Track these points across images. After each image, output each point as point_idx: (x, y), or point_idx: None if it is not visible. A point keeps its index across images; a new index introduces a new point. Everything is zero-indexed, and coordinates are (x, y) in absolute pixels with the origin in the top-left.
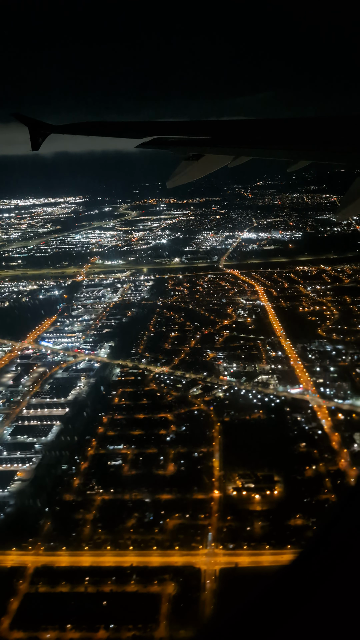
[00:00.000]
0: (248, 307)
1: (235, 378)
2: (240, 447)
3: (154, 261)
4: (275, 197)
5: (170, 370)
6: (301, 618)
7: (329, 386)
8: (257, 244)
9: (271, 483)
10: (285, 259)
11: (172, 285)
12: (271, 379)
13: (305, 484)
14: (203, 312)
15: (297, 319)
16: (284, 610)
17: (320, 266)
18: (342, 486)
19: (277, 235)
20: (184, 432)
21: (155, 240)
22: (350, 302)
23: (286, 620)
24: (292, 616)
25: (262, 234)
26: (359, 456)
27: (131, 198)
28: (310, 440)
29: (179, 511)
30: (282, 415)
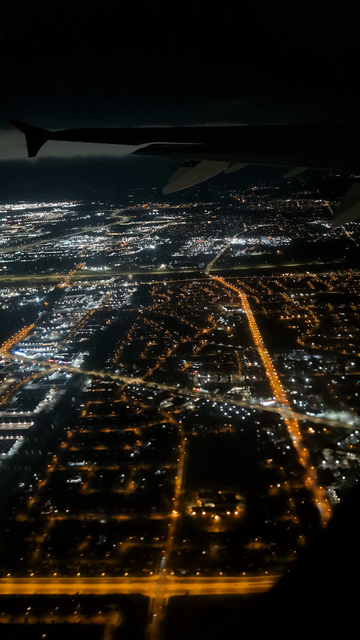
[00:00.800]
0: (229, 315)
1: (208, 390)
2: (205, 463)
3: (140, 267)
4: (268, 202)
5: (143, 381)
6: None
7: (303, 398)
8: (245, 250)
9: (232, 503)
10: (271, 265)
11: (155, 292)
12: (245, 390)
13: (267, 503)
14: (183, 320)
15: (277, 327)
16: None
17: (306, 273)
18: (305, 507)
19: (266, 241)
20: (149, 447)
21: (143, 246)
22: (333, 310)
23: (288, 623)
24: (294, 619)
25: (251, 240)
26: (326, 474)
27: (125, 203)
28: (277, 456)
29: (134, 533)
30: (251, 429)
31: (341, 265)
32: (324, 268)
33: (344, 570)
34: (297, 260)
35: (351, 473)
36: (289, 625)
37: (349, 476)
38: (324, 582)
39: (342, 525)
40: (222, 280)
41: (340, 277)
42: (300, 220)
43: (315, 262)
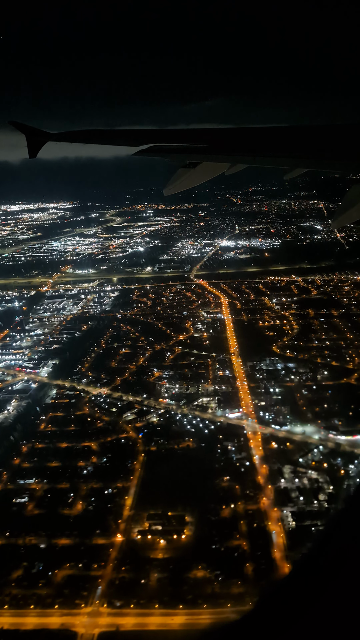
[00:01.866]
0: (208, 320)
1: (174, 401)
2: (159, 481)
3: (125, 270)
4: (263, 204)
5: (110, 391)
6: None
7: (270, 410)
8: (234, 252)
9: (181, 525)
10: (258, 268)
11: (137, 296)
12: (212, 401)
13: (218, 526)
14: (161, 325)
15: (255, 334)
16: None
17: (292, 276)
18: (257, 531)
19: (256, 243)
20: (104, 464)
21: (132, 248)
22: (313, 315)
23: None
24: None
25: (241, 242)
26: (284, 494)
27: (121, 204)
28: (235, 473)
29: (73, 559)
30: (213, 443)
31: (328, 269)
32: (311, 271)
33: (345, 571)
34: (284, 263)
35: (309, 493)
36: (290, 626)
37: (306, 496)
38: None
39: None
40: (205, 284)
41: (325, 281)
42: (294, 221)
43: (302, 265)
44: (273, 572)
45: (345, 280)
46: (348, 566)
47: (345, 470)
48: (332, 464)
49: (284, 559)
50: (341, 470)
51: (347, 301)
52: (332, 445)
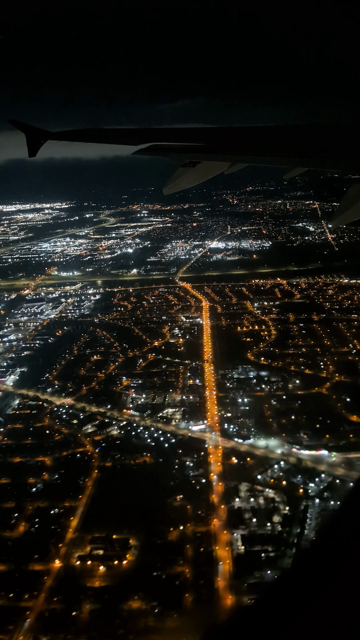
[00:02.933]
0: (186, 325)
1: (139, 412)
2: (109, 500)
3: (111, 272)
4: (259, 204)
5: (74, 401)
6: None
7: (235, 422)
8: (223, 254)
9: (124, 549)
10: (244, 271)
11: (118, 299)
12: (177, 413)
13: (162, 550)
14: (137, 331)
15: (232, 340)
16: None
17: (277, 279)
18: (203, 556)
19: (246, 244)
20: (55, 481)
21: (121, 250)
22: (293, 320)
23: (288, 623)
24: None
25: (231, 243)
26: (236, 515)
27: (118, 204)
28: (190, 491)
29: (5, 588)
30: (171, 459)
31: (314, 271)
32: (297, 274)
33: (344, 570)
34: (271, 265)
35: (263, 514)
36: (290, 625)
37: (259, 518)
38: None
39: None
40: (189, 287)
41: (309, 284)
42: (287, 222)
43: (289, 268)
44: (213, 603)
45: (330, 283)
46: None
47: (304, 489)
48: (291, 482)
49: (227, 589)
50: (299, 489)
51: (329, 305)
52: (294, 460)
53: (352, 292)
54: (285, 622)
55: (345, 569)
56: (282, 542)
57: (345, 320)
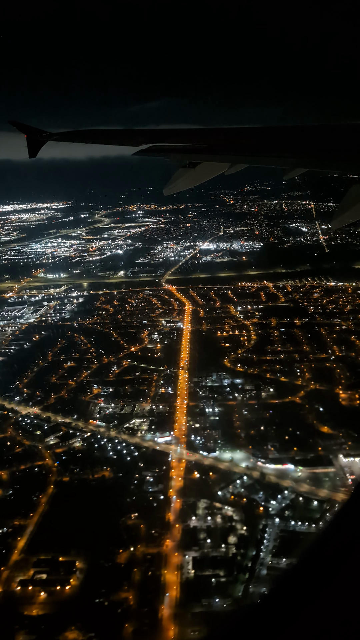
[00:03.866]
0: (165, 330)
1: (105, 422)
2: (61, 519)
3: (98, 274)
4: (255, 204)
5: (40, 411)
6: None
7: (202, 434)
8: (213, 255)
9: (69, 573)
10: (232, 273)
11: (101, 303)
12: (144, 423)
13: (109, 574)
14: (116, 335)
15: (210, 345)
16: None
17: (264, 282)
18: (150, 580)
19: (237, 245)
20: (9, 497)
21: (112, 251)
22: (275, 325)
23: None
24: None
25: (222, 245)
26: (191, 535)
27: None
28: (146, 509)
29: None
30: (131, 473)
31: (302, 274)
32: (284, 277)
33: (344, 570)
34: (259, 267)
35: (218, 535)
36: (289, 626)
37: (214, 539)
38: (324, 583)
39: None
40: (174, 290)
41: (295, 287)
42: (281, 223)
43: (277, 270)
44: (154, 634)
45: (316, 286)
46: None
47: (264, 507)
48: (251, 499)
49: (171, 618)
50: (260, 508)
51: (312, 309)
52: (258, 475)
53: (337, 295)
54: (285, 622)
55: (346, 570)
56: (234, 566)
57: (327, 325)
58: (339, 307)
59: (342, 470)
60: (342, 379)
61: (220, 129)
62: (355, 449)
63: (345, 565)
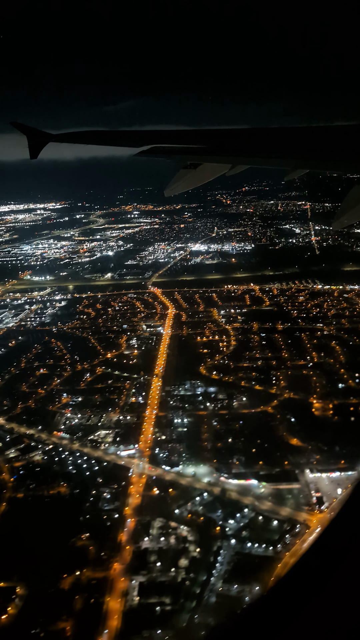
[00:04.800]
0: (144, 335)
1: (69, 434)
2: (8, 540)
3: (84, 277)
4: (251, 204)
5: (5, 421)
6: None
7: (167, 446)
8: (203, 257)
9: (7, 601)
10: (219, 275)
11: (83, 306)
12: (109, 435)
13: (50, 601)
14: (94, 341)
15: (188, 351)
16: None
17: (250, 285)
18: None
19: (229, 247)
20: None
21: (102, 252)
22: (256, 329)
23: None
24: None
25: (214, 246)
26: (141, 558)
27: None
28: (98, 529)
29: None
30: (87, 489)
31: (290, 276)
32: (272, 279)
33: (343, 570)
34: (248, 270)
35: (169, 558)
36: (289, 625)
37: (164, 562)
38: (323, 582)
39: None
40: (159, 293)
41: (282, 290)
42: (275, 223)
43: (265, 272)
44: None
45: (303, 289)
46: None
47: (221, 526)
48: (209, 518)
49: None
50: (216, 527)
51: (296, 314)
52: (219, 492)
53: (322, 299)
54: (284, 622)
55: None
56: (181, 593)
57: (309, 330)
58: (323, 312)
59: (307, 487)
60: (317, 388)
61: (221, 129)
62: (323, 463)
63: (344, 566)
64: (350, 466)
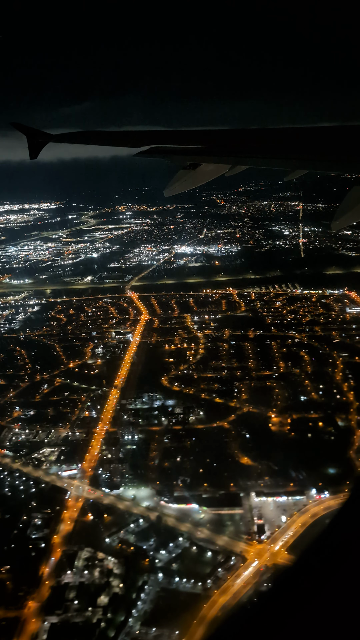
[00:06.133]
0: (112, 343)
1: (13, 452)
2: None
3: (63, 280)
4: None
5: None
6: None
7: (111, 467)
8: (187, 259)
9: None
10: (200, 279)
11: (56, 312)
12: (54, 453)
13: None
14: (59, 349)
15: (154, 360)
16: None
17: (228, 289)
18: None
19: (214, 249)
20: None
21: (87, 254)
22: (227, 337)
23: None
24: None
25: (200, 248)
26: (59, 594)
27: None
28: (22, 560)
29: None
30: (18, 514)
31: (270, 280)
32: (251, 283)
33: (343, 570)
34: (229, 273)
35: (88, 595)
36: (289, 625)
37: (82, 600)
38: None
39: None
40: (136, 298)
41: (259, 295)
42: (265, 224)
43: (246, 276)
44: None
45: (282, 294)
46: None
47: (151, 557)
48: (139, 548)
49: None
50: (146, 560)
51: (270, 320)
52: (154, 518)
53: (299, 304)
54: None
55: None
56: (93, 637)
57: (280, 338)
58: (298, 318)
59: (250, 513)
60: (278, 401)
61: (221, 130)
62: (271, 486)
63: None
64: (299, 490)
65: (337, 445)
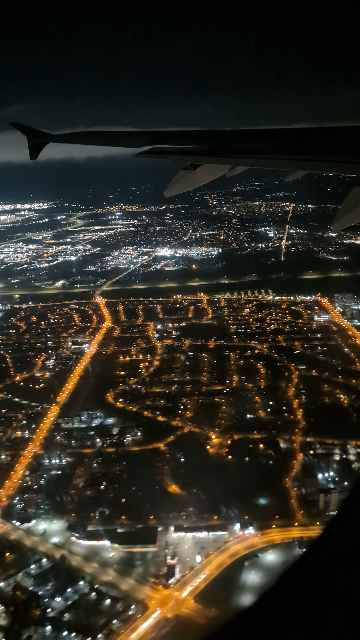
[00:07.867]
0: (66, 353)
1: None
2: None
3: (34, 285)
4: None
5: None
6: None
7: (27, 496)
8: (165, 263)
9: None
10: (173, 283)
11: (17, 319)
12: None
13: None
14: (9, 361)
15: (104, 373)
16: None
17: (199, 295)
18: None
19: (195, 252)
20: None
21: (65, 257)
22: (186, 347)
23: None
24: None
25: (181, 251)
26: None
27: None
28: None
29: None
30: None
31: (244, 285)
32: (224, 288)
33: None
34: (203, 277)
35: None
36: (289, 625)
37: None
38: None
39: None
40: (102, 304)
41: (229, 302)
42: (251, 226)
43: (220, 281)
44: None
45: (252, 300)
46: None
47: (44, 606)
48: (33, 595)
49: None
50: (37, 610)
51: (234, 329)
52: (59, 557)
53: (268, 312)
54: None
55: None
56: None
57: (240, 349)
58: (262, 327)
59: (163, 551)
60: (222, 419)
61: (221, 131)
62: (193, 518)
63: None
64: (222, 524)
65: (274, 472)
